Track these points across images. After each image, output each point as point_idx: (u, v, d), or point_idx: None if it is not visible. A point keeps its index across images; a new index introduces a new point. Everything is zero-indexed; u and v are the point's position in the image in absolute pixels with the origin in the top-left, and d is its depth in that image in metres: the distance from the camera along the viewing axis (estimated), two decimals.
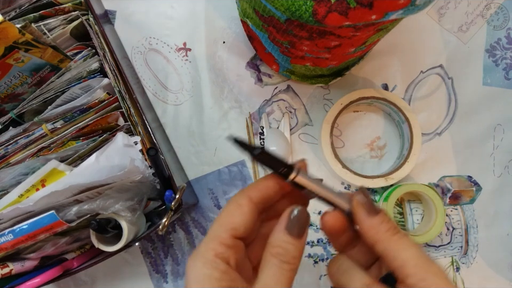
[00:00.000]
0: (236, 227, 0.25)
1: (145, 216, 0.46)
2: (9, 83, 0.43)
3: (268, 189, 0.27)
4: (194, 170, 0.53)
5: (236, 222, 0.25)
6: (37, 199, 0.35)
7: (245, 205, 0.26)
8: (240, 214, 0.25)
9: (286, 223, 0.25)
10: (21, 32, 0.37)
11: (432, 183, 0.52)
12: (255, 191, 0.27)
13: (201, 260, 0.24)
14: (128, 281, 0.53)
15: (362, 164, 0.52)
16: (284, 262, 0.24)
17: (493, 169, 0.52)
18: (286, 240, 0.24)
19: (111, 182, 0.38)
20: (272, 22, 0.38)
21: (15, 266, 0.39)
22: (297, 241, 0.24)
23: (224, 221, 0.26)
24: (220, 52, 0.53)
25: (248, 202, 0.26)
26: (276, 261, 0.24)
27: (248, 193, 0.26)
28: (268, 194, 0.27)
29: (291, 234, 0.24)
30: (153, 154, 0.38)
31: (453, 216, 0.51)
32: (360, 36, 0.37)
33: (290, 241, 0.24)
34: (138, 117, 0.44)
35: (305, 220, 0.25)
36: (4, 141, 0.45)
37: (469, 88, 0.52)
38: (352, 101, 0.49)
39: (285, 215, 0.25)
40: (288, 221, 0.25)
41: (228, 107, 0.53)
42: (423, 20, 0.53)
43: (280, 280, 0.24)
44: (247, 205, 0.26)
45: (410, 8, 0.30)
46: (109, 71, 0.44)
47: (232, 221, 0.25)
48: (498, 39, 0.53)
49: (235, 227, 0.25)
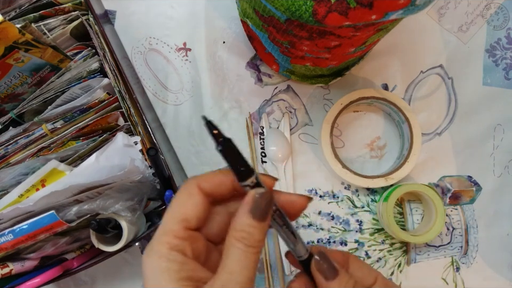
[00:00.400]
0: (187, 218, 0.24)
1: (145, 216, 0.46)
2: (9, 83, 0.43)
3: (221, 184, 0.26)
4: (194, 170, 0.53)
5: (187, 213, 0.24)
6: (37, 199, 0.35)
7: (196, 194, 0.25)
8: (191, 205, 0.24)
9: (250, 207, 0.24)
10: (21, 32, 0.37)
11: (432, 183, 0.52)
12: (207, 183, 0.25)
13: (156, 255, 0.23)
14: (128, 281, 0.53)
15: (362, 164, 0.52)
16: (249, 246, 0.23)
17: (493, 169, 0.52)
18: (250, 224, 0.24)
19: (111, 182, 0.38)
20: (272, 22, 0.38)
21: (15, 266, 0.39)
22: (261, 224, 0.24)
23: (175, 212, 0.25)
24: (220, 52, 0.53)
25: (198, 191, 0.25)
26: (241, 245, 0.23)
27: (198, 183, 0.25)
28: (219, 189, 0.26)
29: (255, 217, 0.24)
30: (153, 154, 0.38)
31: (453, 216, 0.51)
32: (360, 36, 0.37)
33: (254, 224, 0.24)
34: (138, 117, 0.44)
35: (269, 202, 0.24)
36: (4, 141, 0.45)
37: (469, 88, 0.52)
38: (352, 101, 0.49)
39: (247, 199, 0.24)
40: (252, 204, 0.24)
41: (227, 107, 0.53)
42: (423, 19, 0.53)
43: (245, 264, 0.23)
44: (197, 194, 0.25)
45: (410, 8, 0.30)
46: (109, 71, 0.44)
47: (184, 212, 0.24)
48: (498, 39, 0.53)
49: (186, 218, 0.24)
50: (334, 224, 0.52)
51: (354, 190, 0.52)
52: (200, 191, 0.25)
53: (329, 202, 0.52)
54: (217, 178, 0.26)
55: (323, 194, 0.52)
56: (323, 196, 0.52)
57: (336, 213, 0.52)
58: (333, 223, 0.52)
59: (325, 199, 0.52)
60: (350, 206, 0.52)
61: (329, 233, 0.52)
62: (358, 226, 0.52)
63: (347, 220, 0.52)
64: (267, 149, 0.51)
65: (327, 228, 0.52)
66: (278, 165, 0.51)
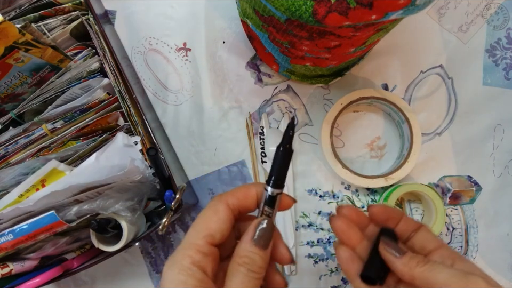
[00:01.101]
0: (212, 233, 0.25)
1: (145, 216, 0.46)
2: (9, 83, 0.43)
3: (247, 197, 0.27)
4: (194, 170, 0.53)
5: (213, 228, 0.25)
6: (37, 199, 0.35)
7: (222, 211, 0.26)
8: (217, 220, 0.26)
9: (252, 235, 0.25)
10: (21, 32, 0.37)
11: (432, 183, 0.52)
12: (233, 198, 0.27)
13: (177, 266, 0.24)
14: (128, 281, 0.53)
15: (362, 164, 0.52)
16: (251, 271, 0.25)
17: (493, 169, 0.52)
18: (252, 251, 0.25)
19: (111, 182, 0.38)
20: (272, 22, 0.38)
21: (15, 266, 0.39)
22: (263, 252, 0.25)
23: (201, 227, 0.26)
24: (220, 52, 0.53)
25: (225, 208, 0.26)
26: (243, 269, 0.24)
27: (226, 199, 0.27)
28: (245, 203, 0.27)
29: (257, 245, 0.25)
30: (153, 154, 0.38)
31: (453, 216, 0.51)
32: (360, 36, 0.37)
33: (256, 251, 0.25)
34: (138, 117, 0.44)
35: (271, 232, 0.26)
36: (4, 141, 0.45)
37: (469, 88, 0.52)
38: (352, 101, 0.49)
39: (251, 227, 0.26)
40: (254, 232, 0.25)
41: (227, 107, 0.53)
42: (423, 19, 0.53)
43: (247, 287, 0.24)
44: (224, 211, 0.26)
45: (410, 8, 0.30)
46: (109, 71, 0.44)
47: (209, 227, 0.26)
48: (498, 39, 0.53)
49: (211, 233, 0.25)
50: None
51: (354, 190, 0.52)
52: (227, 206, 0.26)
53: (329, 202, 0.52)
54: (242, 191, 0.27)
55: (323, 194, 0.52)
56: (323, 195, 0.52)
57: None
58: None
59: (325, 199, 0.52)
60: None
61: (329, 233, 0.52)
62: None
63: None
64: (267, 149, 0.51)
65: (327, 228, 0.52)
66: None
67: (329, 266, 0.51)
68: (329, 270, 0.51)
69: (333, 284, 0.51)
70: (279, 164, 0.26)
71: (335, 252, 0.31)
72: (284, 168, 0.27)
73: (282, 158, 0.26)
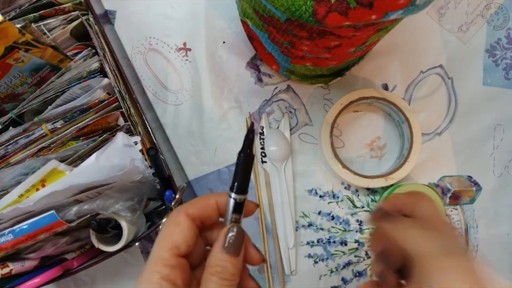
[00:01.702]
0: (176, 245, 0.25)
1: (145, 216, 0.46)
2: (9, 83, 0.43)
3: (207, 207, 0.27)
4: (194, 170, 0.53)
5: (176, 240, 0.25)
6: (37, 199, 0.35)
7: (183, 222, 0.26)
8: (179, 232, 0.26)
9: (223, 243, 0.25)
10: (21, 32, 0.37)
11: (432, 183, 0.52)
12: (193, 207, 0.27)
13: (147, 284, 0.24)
14: (128, 281, 0.53)
15: (362, 164, 0.52)
16: (224, 279, 0.25)
17: (493, 169, 0.52)
18: (224, 259, 0.25)
19: (111, 182, 0.38)
20: (272, 22, 0.38)
21: (15, 266, 0.39)
22: (235, 258, 0.25)
23: (164, 241, 0.26)
24: (220, 51, 0.53)
25: (185, 219, 0.26)
26: (216, 278, 0.25)
27: (185, 210, 0.27)
28: (206, 213, 0.27)
29: (228, 252, 0.25)
30: (153, 154, 0.38)
31: (453, 216, 0.51)
32: (360, 36, 0.37)
33: (228, 259, 0.25)
34: (138, 117, 0.44)
35: (241, 238, 0.26)
36: (4, 141, 0.45)
37: (469, 88, 0.52)
38: (352, 101, 0.49)
39: (221, 235, 0.26)
40: (224, 240, 0.26)
41: (228, 107, 0.53)
42: (423, 19, 0.53)
43: None
44: (184, 221, 0.26)
45: (410, 8, 0.30)
46: (109, 71, 0.44)
47: (172, 239, 0.26)
48: (498, 39, 0.53)
49: (176, 245, 0.25)
50: (334, 224, 0.52)
51: (354, 190, 0.52)
52: (188, 217, 0.26)
53: (329, 202, 0.52)
54: (202, 201, 0.27)
55: (323, 194, 0.52)
56: (323, 196, 0.52)
57: (336, 213, 0.52)
58: (333, 223, 0.52)
59: (325, 199, 0.52)
60: (350, 206, 0.52)
61: (329, 233, 0.52)
62: (358, 226, 0.52)
63: (347, 220, 0.52)
64: (267, 149, 0.51)
65: (327, 228, 0.52)
66: (278, 165, 0.51)
67: (329, 266, 0.51)
68: (329, 270, 0.51)
69: (333, 284, 0.51)
70: (240, 169, 0.26)
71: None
72: (246, 174, 0.27)
73: (244, 163, 0.26)
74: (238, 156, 0.26)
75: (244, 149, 0.26)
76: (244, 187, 0.27)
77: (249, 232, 0.27)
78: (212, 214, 0.28)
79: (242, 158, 0.26)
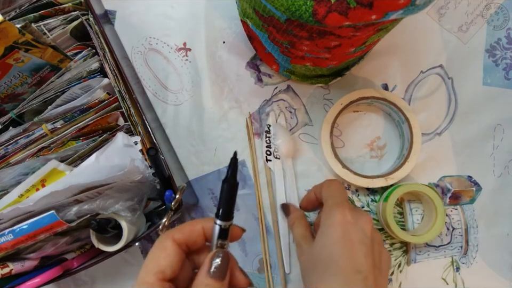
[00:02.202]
0: (162, 270, 0.26)
1: (145, 216, 0.46)
2: (9, 83, 0.43)
3: (193, 232, 0.28)
4: (194, 170, 0.53)
5: (161, 265, 0.26)
6: (37, 199, 0.35)
7: (169, 247, 0.27)
8: (165, 256, 0.26)
9: (208, 267, 0.26)
10: (21, 32, 0.37)
11: (432, 183, 0.52)
12: (179, 233, 0.28)
13: None
14: (128, 281, 0.53)
15: (362, 164, 0.52)
16: None
17: (493, 169, 0.52)
18: (208, 283, 0.26)
19: (111, 182, 0.38)
20: (272, 22, 0.38)
21: (15, 266, 0.39)
22: (220, 283, 0.26)
23: (150, 265, 0.26)
24: (220, 51, 0.53)
25: (171, 243, 0.27)
26: None
27: (172, 235, 0.27)
28: (192, 238, 0.28)
29: (213, 277, 0.26)
30: (153, 154, 0.38)
31: (453, 216, 0.51)
32: (360, 36, 0.37)
33: (212, 283, 0.26)
34: (138, 117, 0.44)
35: (226, 263, 0.27)
36: (4, 141, 0.45)
37: (469, 88, 0.52)
38: (352, 101, 0.49)
39: (207, 260, 0.26)
40: (210, 264, 0.26)
41: (228, 107, 0.53)
42: (423, 19, 0.53)
43: None
44: (170, 246, 0.27)
45: (410, 8, 0.30)
46: (109, 71, 0.44)
47: (158, 264, 0.26)
48: (498, 39, 0.53)
49: (161, 270, 0.26)
50: None
51: (354, 190, 0.52)
52: (174, 242, 0.27)
53: None
54: (188, 227, 0.28)
55: None
56: None
57: None
58: None
59: None
60: None
61: None
62: None
63: None
64: (273, 144, 0.51)
65: None
66: (284, 160, 0.51)
67: None
68: None
69: None
70: (225, 197, 0.27)
71: None
72: (231, 201, 0.28)
73: (228, 191, 0.27)
74: (222, 184, 0.27)
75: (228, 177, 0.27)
76: (229, 214, 0.27)
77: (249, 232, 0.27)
78: (198, 239, 0.28)
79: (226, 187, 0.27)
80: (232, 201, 0.28)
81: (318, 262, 0.35)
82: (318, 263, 0.35)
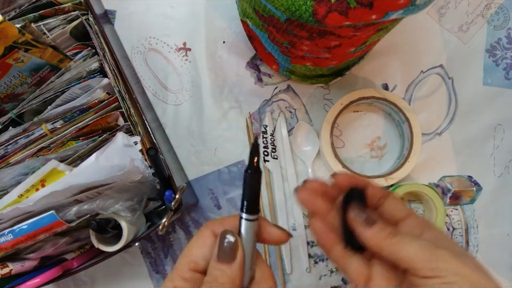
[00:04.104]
0: (195, 260, 0.26)
1: (145, 216, 0.46)
2: (9, 83, 0.43)
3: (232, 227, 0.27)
4: (194, 170, 0.53)
5: (195, 255, 0.26)
6: (36, 199, 0.35)
7: (207, 237, 0.27)
8: (201, 246, 0.26)
9: (216, 252, 0.26)
10: (20, 32, 0.37)
11: (432, 183, 0.52)
12: (220, 225, 0.27)
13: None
14: (128, 281, 0.53)
15: (363, 164, 0.52)
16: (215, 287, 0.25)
17: (493, 169, 0.52)
18: (216, 267, 0.25)
19: (111, 182, 0.38)
20: (272, 22, 0.38)
21: (15, 266, 0.39)
22: (227, 266, 0.25)
23: (186, 252, 0.27)
24: (220, 51, 0.53)
25: (210, 234, 0.27)
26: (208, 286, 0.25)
27: (213, 226, 0.27)
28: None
29: (219, 260, 0.26)
30: (153, 154, 0.38)
31: (453, 216, 0.51)
32: (360, 36, 0.37)
33: (219, 267, 0.25)
34: (138, 117, 0.44)
35: (231, 246, 0.26)
36: (4, 141, 0.45)
37: (469, 88, 0.52)
38: (352, 101, 0.49)
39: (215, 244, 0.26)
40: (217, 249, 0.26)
41: (228, 107, 0.53)
42: (423, 19, 0.53)
43: None
44: (208, 236, 0.27)
45: (411, 8, 0.30)
46: (109, 71, 0.44)
47: (192, 253, 0.26)
48: (499, 39, 0.53)
49: (194, 260, 0.26)
50: None
51: None
52: (212, 233, 0.27)
53: None
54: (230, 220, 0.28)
55: None
56: None
57: None
58: None
59: None
60: None
61: None
62: None
63: None
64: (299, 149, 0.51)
65: None
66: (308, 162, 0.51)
67: (329, 266, 0.51)
68: (329, 270, 0.51)
69: (333, 284, 0.51)
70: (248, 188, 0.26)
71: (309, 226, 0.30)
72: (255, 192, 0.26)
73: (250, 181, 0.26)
74: (243, 174, 0.26)
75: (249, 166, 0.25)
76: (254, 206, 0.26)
77: None
78: None
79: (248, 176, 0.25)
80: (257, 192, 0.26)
81: None
82: None
